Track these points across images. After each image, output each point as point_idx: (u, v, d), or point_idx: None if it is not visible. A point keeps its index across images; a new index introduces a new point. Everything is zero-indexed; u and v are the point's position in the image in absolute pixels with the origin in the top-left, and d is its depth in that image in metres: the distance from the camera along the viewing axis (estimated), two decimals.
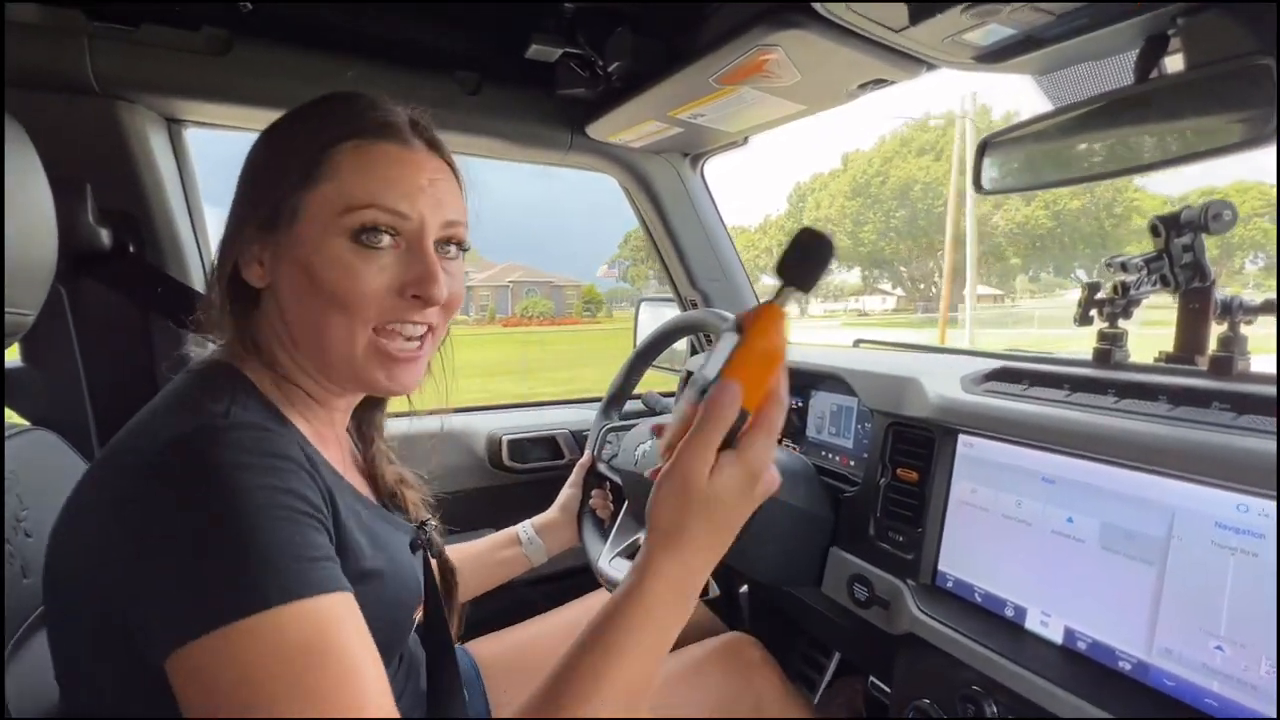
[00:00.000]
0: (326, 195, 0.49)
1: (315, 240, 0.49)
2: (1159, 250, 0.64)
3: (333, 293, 0.49)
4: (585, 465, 1.02)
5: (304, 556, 0.41)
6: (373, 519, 0.55)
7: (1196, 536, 0.55)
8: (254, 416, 0.47)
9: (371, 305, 0.50)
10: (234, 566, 0.38)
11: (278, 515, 0.41)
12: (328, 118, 0.52)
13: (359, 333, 0.51)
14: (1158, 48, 0.63)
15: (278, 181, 0.50)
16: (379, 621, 0.51)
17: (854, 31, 0.68)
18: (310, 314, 0.51)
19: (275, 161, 0.51)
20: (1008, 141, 0.77)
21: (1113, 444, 0.60)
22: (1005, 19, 0.62)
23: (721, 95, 0.90)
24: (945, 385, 0.80)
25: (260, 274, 0.52)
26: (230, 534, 0.39)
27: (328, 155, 0.49)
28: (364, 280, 0.50)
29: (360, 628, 0.43)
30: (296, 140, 0.51)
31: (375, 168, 0.50)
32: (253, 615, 0.37)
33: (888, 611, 0.78)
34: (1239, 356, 0.62)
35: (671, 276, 1.41)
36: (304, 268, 0.49)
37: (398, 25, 0.99)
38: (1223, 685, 0.53)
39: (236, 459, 0.41)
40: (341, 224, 0.49)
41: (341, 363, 0.52)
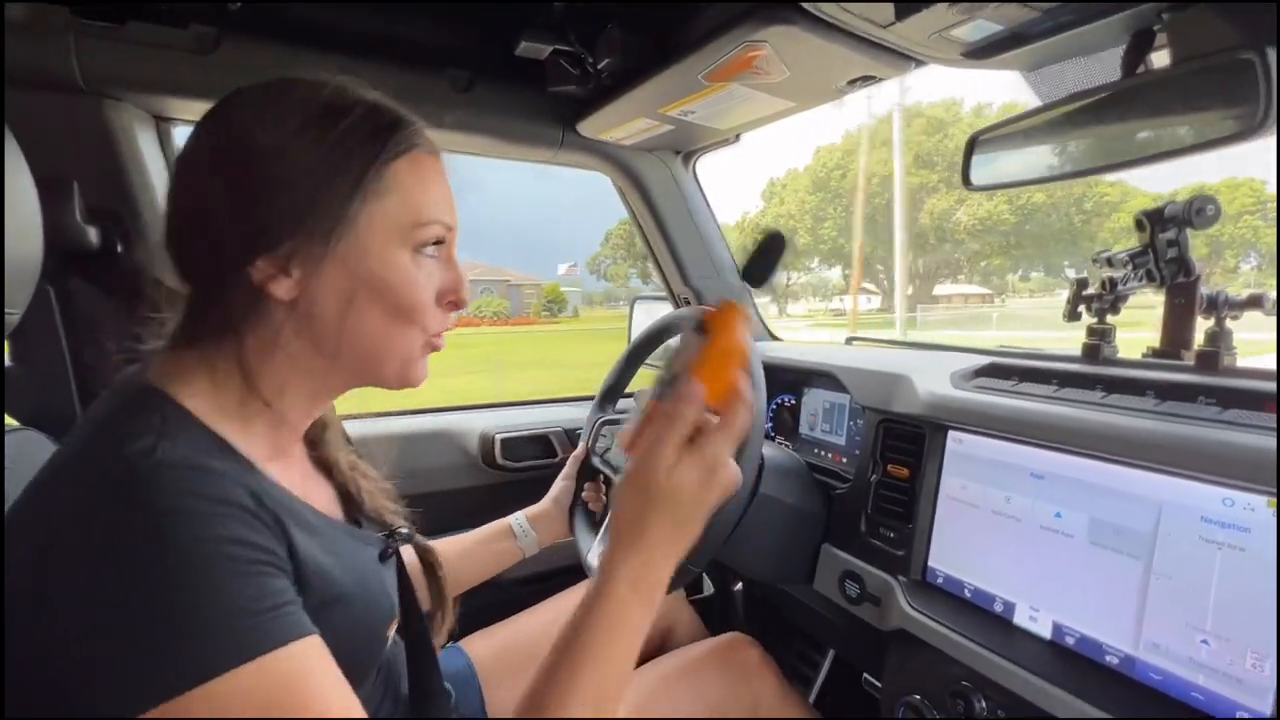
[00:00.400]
0: (391, 208, 0.49)
1: (379, 252, 0.48)
2: (1144, 245, 0.64)
3: (399, 305, 0.50)
4: (579, 457, 1.02)
5: (257, 609, 0.38)
6: (337, 537, 0.52)
7: (1183, 531, 0.55)
8: (183, 451, 0.41)
9: (427, 314, 0.52)
10: (181, 631, 0.36)
11: (222, 568, 0.38)
12: (368, 128, 0.49)
13: (417, 338, 0.52)
14: (1144, 43, 0.63)
15: (324, 192, 0.46)
16: (350, 644, 0.50)
17: (841, 28, 0.68)
18: (369, 325, 0.49)
19: (312, 170, 0.47)
20: (996, 137, 0.77)
21: (1100, 439, 0.60)
22: (991, 15, 0.62)
23: (711, 92, 0.90)
24: (935, 382, 0.81)
25: (289, 286, 0.47)
26: (171, 595, 0.36)
27: (386, 169, 0.48)
28: (425, 290, 0.51)
29: (328, 669, 0.41)
30: (339, 150, 0.47)
31: (430, 182, 0.51)
32: (207, 682, 0.35)
33: (879, 608, 0.79)
34: (1225, 351, 0.62)
35: (664, 274, 1.40)
36: (365, 279, 0.48)
37: (388, 23, 0.98)
38: (1209, 679, 0.53)
39: (168, 507, 0.38)
40: (410, 237, 0.50)
41: (393, 367, 0.52)
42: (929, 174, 30.56)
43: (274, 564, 0.42)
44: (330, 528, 0.53)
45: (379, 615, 0.56)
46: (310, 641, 0.41)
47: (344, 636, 0.49)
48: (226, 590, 0.38)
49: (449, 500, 1.26)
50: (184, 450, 0.41)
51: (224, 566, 0.38)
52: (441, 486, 1.26)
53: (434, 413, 1.37)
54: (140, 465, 0.39)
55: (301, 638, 0.40)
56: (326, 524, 0.52)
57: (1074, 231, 30.74)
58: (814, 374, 1.06)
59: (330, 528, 0.53)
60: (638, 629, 0.48)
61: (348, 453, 0.65)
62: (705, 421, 0.49)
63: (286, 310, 0.48)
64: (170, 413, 0.44)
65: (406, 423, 1.30)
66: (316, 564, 0.47)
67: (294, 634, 0.40)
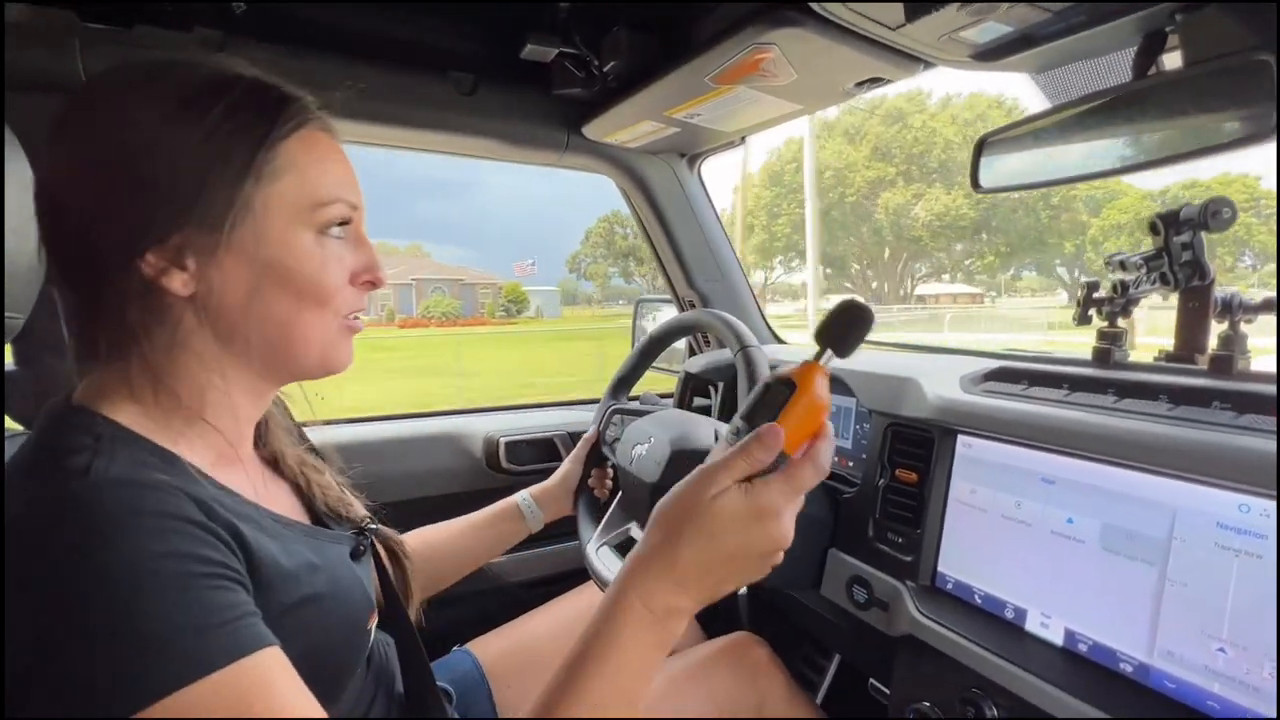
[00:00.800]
0: (287, 189, 0.47)
1: (280, 237, 0.46)
2: (1158, 248, 0.63)
3: (306, 289, 0.48)
4: (589, 441, 1.02)
5: (209, 623, 0.37)
6: (299, 539, 0.51)
7: (1198, 537, 0.55)
8: (121, 468, 0.40)
9: (339, 296, 0.50)
10: (125, 653, 0.35)
11: (169, 584, 0.37)
12: (256, 105, 0.46)
13: (330, 322, 0.50)
14: (1156, 45, 0.62)
15: (211, 176, 0.44)
16: (329, 645, 0.50)
17: (850, 30, 0.68)
18: (276, 312, 0.47)
19: (195, 153, 0.43)
20: (1005, 140, 0.77)
21: (1113, 444, 0.60)
22: (1002, 16, 0.61)
23: (718, 95, 0.89)
24: (944, 385, 0.80)
25: (185, 280, 0.44)
26: (113, 619, 0.35)
27: (278, 149, 0.46)
28: (333, 272, 0.49)
29: (289, 680, 0.40)
30: (222, 130, 0.44)
31: (327, 160, 0.49)
32: (159, 700, 0.34)
33: (887, 613, 0.78)
34: (1239, 355, 0.61)
35: (669, 277, 1.40)
36: (267, 266, 0.46)
37: (392, 25, 0.98)
38: (1225, 687, 0.52)
39: (107, 527, 0.36)
40: (312, 219, 0.48)
41: (312, 355, 0.50)
42: (886, 166, 29.10)
43: (226, 576, 0.40)
44: (291, 530, 0.51)
45: (355, 610, 0.55)
46: (269, 653, 0.40)
47: (320, 635, 0.48)
48: (175, 606, 0.37)
49: (453, 504, 1.25)
50: (121, 467, 0.40)
51: (172, 582, 0.37)
52: (446, 490, 1.25)
53: (438, 416, 1.36)
54: (75, 486, 0.38)
55: (259, 649, 0.39)
56: (286, 527, 0.51)
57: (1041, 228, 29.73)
58: None
59: (291, 530, 0.51)
60: (652, 645, 0.46)
61: (295, 447, 0.62)
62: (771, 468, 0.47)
63: (185, 306, 0.46)
64: (103, 429, 0.42)
65: (410, 426, 1.30)
66: (278, 568, 0.46)
67: (250, 646, 0.39)
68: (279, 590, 0.45)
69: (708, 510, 0.44)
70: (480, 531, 0.91)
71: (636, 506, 0.91)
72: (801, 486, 0.46)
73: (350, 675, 0.57)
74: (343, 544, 0.58)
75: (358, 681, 0.59)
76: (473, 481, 1.28)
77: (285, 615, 0.44)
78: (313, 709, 0.41)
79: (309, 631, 0.45)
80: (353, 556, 0.58)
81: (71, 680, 0.34)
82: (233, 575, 0.41)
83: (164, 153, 0.43)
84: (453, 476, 1.26)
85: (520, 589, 1.26)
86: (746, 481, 0.45)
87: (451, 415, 1.37)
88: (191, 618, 0.37)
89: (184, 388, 0.47)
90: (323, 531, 0.57)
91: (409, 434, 1.27)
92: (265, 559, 0.45)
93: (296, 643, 0.42)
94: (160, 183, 0.43)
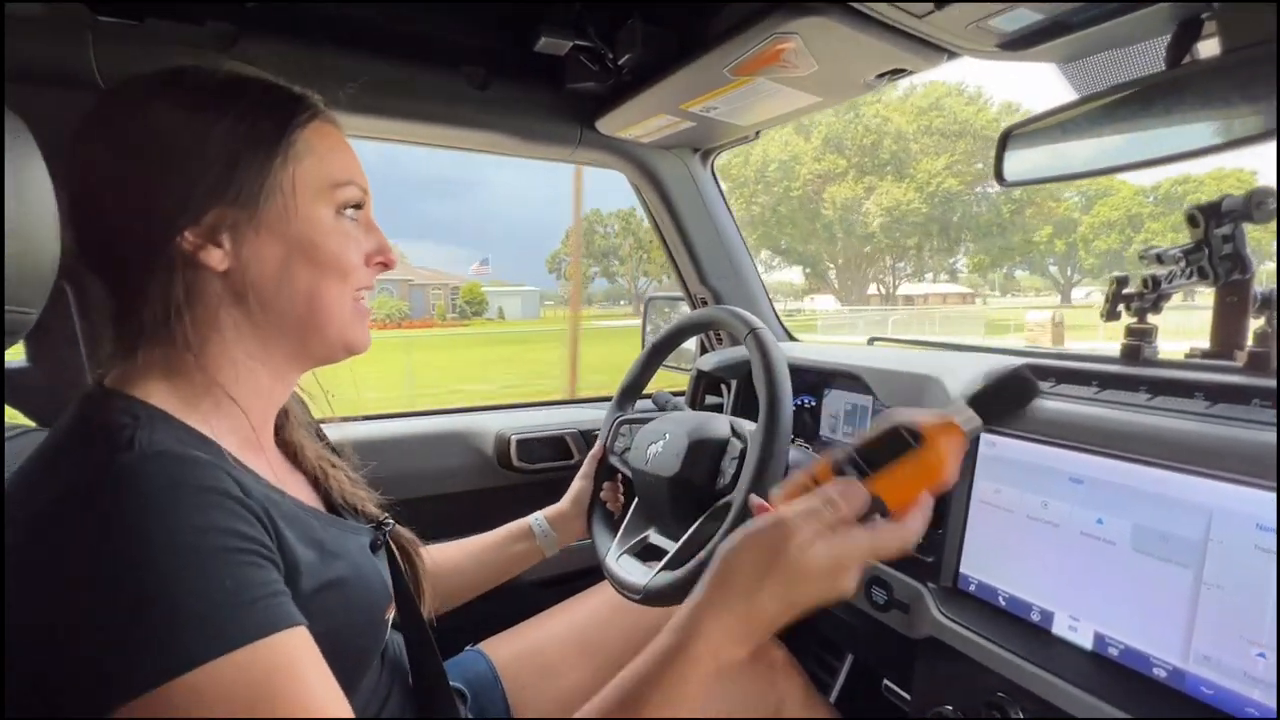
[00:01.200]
0: (310, 170, 0.51)
1: (307, 214, 0.51)
2: (1197, 241, 0.61)
3: (329, 262, 0.52)
4: (596, 456, 1.01)
5: (242, 599, 0.38)
6: (322, 527, 0.52)
7: (1236, 538, 0.53)
8: (163, 441, 0.42)
9: (357, 271, 0.54)
10: (160, 622, 0.36)
11: (208, 557, 0.38)
12: (272, 98, 0.51)
13: (347, 296, 0.54)
14: (1191, 32, 0.61)
15: (244, 156, 0.48)
16: (349, 630, 0.51)
17: (875, 18, 0.67)
18: (302, 285, 0.51)
19: (224, 138, 0.48)
20: (1030, 132, 0.75)
21: (1146, 442, 0.58)
22: (1033, 3, 0.60)
23: (735, 87, 0.88)
24: (968, 384, 0.79)
25: (221, 256, 0.48)
26: (151, 586, 0.36)
27: (299, 134, 0.51)
28: (352, 249, 0.53)
29: (314, 660, 0.41)
30: (248, 119, 0.49)
31: (340, 148, 0.54)
32: (189, 672, 0.35)
33: (908, 615, 0.77)
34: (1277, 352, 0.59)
35: (681, 274, 1.39)
36: (297, 241, 0.50)
37: (403, 19, 0.97)
38: (1265, 694, 0.50)
39: (151, 497, 0.38)
40: (332, 197, 0.52)
41: (332, 328, 0.54)
42: (838, 159, 28.33)
43: (260, 554, 0.41)
44: (314, 517, 0.52)
45: (374, 599, 0.56)
46: (296, 632, 0.40)
47: (342, 619, 0.49)
48: (212, 579, 0.38)
49: (465, 501, 1.25)
50: (163, 441, 0.42)
51: (209, 556, 0.38)
52: (457, 488, 1.25)
53: (449, 414, 1.36)
54: (121, 458, 0.39)
55: (288, 628, 0.40)
56: (309, 514, 0.52)
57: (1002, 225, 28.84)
58: (836, 375, 1.04)
59: (314, 517, 0.52)
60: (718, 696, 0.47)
61: (314, 442, 0.64)
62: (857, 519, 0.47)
63: (222, 283, 0.49)
64: (140, 410, 0.44)
65: (423, 424, 1.30)
66: (302, 552, 0.47)
67: (280, 624, 0.39)
68: (303, 574, 0.46)
69: (794, 564, 0.44)
70: (493, 553, 0.91)
71: (655, 508, 0.90)
72: (882, 554, 0.46)
73: (367, 665, 0.57)
74: (362, 535, 0.59)
75: (373, 676, 0.59)
76: (484, 479, 1.27)
77: (308, 599, 0.45)
78: (334, 690, 0.41)
79: (330, 616, 0.46)
80: (371, 548, 0.59)
81: (100, 649, 0.35)
82: (265, 553, 0.42)
83: (193, 140, 0.47)
84: (465, 474, 1.25)
85: (533, 588, 1.26)
86: (831, 529, 0.45)
87: (463, 413, 1.36)
88: (227, 592, 0.38)
89: (217, 367, 0.49)
90: (343, 521, 0.58)
91: (421, 431, 1.27)
92: (290, 542, 0.46)
93: (317, 626, 0.43)
94: (193, 166, 0.47)
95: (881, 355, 1.00)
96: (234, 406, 0.50)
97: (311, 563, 0.47)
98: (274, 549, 0.43)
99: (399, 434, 1.24)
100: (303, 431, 0.63)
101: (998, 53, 0.71)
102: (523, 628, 0.94)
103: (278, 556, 0.43)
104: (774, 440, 0.72)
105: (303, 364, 0.57)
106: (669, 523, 0.87)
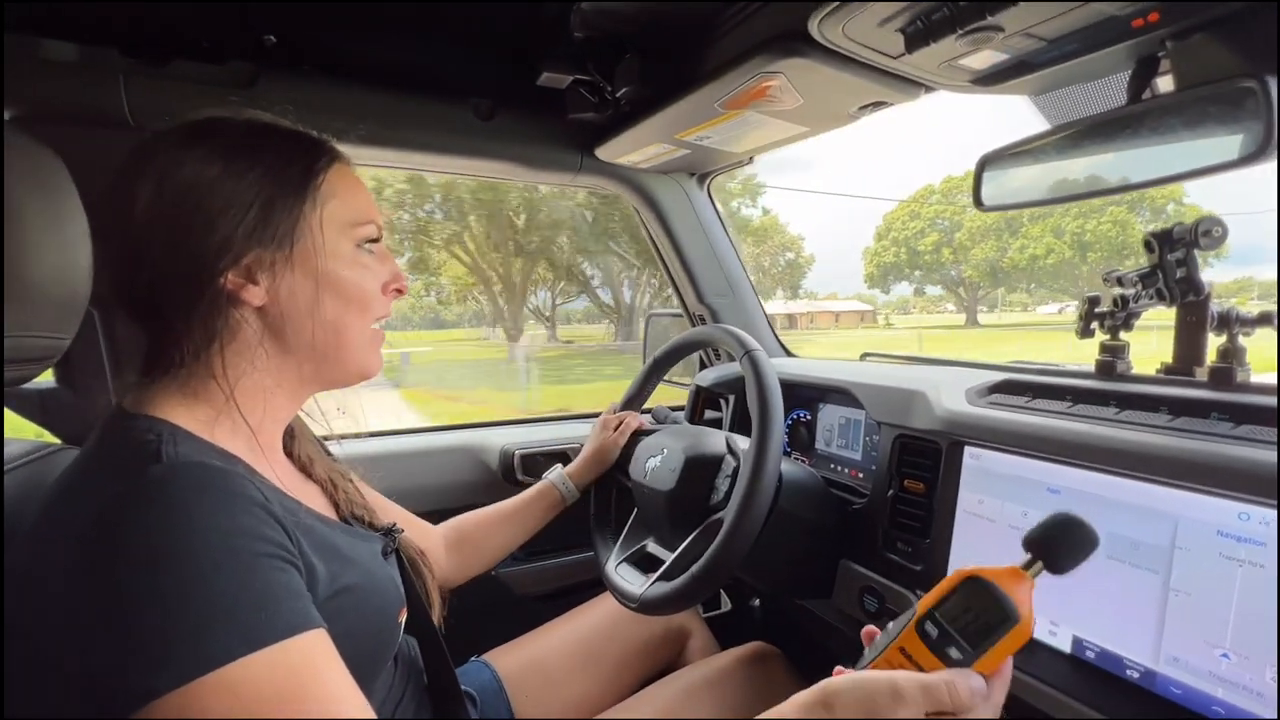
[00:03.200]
0: (335, 210, 0.55)
1: (333, 250, 0.55)
2: (1153, 265, 0.65)
3: (354, 295, 0.56)
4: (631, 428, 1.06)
5: (267, 601, 0.40)
6: (335, 535, 0.55)
7: (1200, 545, 0.56)
8: (191, 454, 0.45)
9: (375, 302, 0.59)
10: (193, 621, 0.38)
11: (237, 559, 0.40)
12: (296, 144, 0.56)
13: (368, 325, 0.59)
14: (1149, 69, 0.65)
15: (277, 201, 0.52)
16: (364, 633, 0.53)
17: (853, 58, 0.71)
18: (330, 316, 0.55)
19: (256, 184, 0.51)
20: (1006, 159, 0.79)
21: (1115, 454, 0.61)
22: (999, 45, 0.64)
23: (726, 119, 0.93)
24: (951, 398, 0.82)
25: (259, 293, 0.52)
26: (185, 588, 0.38)
27: (323, 177, 0.55)
28: (371, 280, 0.58)
29: (335, 663, 0.43)
30: (276, 165, 0.53)
31: (357, 187, 0.59)
32: (219, 669, 0.37)
33: None
34: (1238, 367, 0.63)
35: (680, 292, 1.43)
36: (325, 276, 0.54)
37: (415, 55, 1.02)
38: (1229, 692, 0.53)
39: (184, 501, 0.40)
40: (353, 235, 0.57)
41: (351, 355, 0.58)
42: None
43: (285, 558, 0.44)
44: (328, 526, 0.56)
45: (388, 603, 0.58)
46: (318, 634, 0.43)
47: (357, 623, 0.52)
48: (241, 581, 0.40)
49: None
50: (189, 454, 0.45)
51: (238, 558, 0.40)
52: (462, 502, 1.27)
53: (455, 429, 1.39)
54: (152, 470, 0.42)
55: (310, 630, 0.42)
56: (324, 523, 0.55)
57: None
58: (829, 390, 1.08)
59: (328, 526, 0.56)
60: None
61: (323, 457, 0.68)
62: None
63: (258, 317, 0.53)
64: (162, 428, 0.47)
65: (428, 439, 1.33)
66: (318, 560, 0.49)
67: (302, 626, 0.41)
68: (319, 579, 0.48)
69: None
70: (522, 511, 0.96)
71: (653, 520, 0.94)
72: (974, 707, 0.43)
73: (382, 668, 0.60)
74: (373, 542, 0.62)
75: (387, 677, 0.62)
76: (490, 493, 1.30)
77: (324, 603, 0.47)
78: (354, 690, 0.43)
79: (344, 619, 0.48)
80: (383, 555, 0.62)
81: (141, 644, 0.37)
82: (289, 557, 0.45)
83: (229, 188, 0.51)
84: (469, 489, 1.28)
85: (536, 601, 1.28)
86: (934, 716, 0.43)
87: (467, 429, 1.40)
88: (255, 593, 0.40)
89: (243, 392, 0.53)
90: (355, 530, 0.61)
91: (426, 447, 1.30)
92: (307, 548, 0.48)
93: (334, 629, 0.45)
94: (230, 212, 0.51)
95: (872, 371, 1.04)
96: (245, 427, 0.53)
97: (327, 569, 0.50)
98: (296, 554, 0.46)
99: (406, 450, 1.28)
100: (311, 446, 0.66)
101: (971, 87, 0.75)
102: (526, 639, 0.97)
103: (299, 561, 0.46)
104: (764, 461, 0.75)
105: (317, 387, 0.61)
106: (666, 534, 0.90)
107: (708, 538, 0.79)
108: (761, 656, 0.95)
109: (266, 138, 0.55)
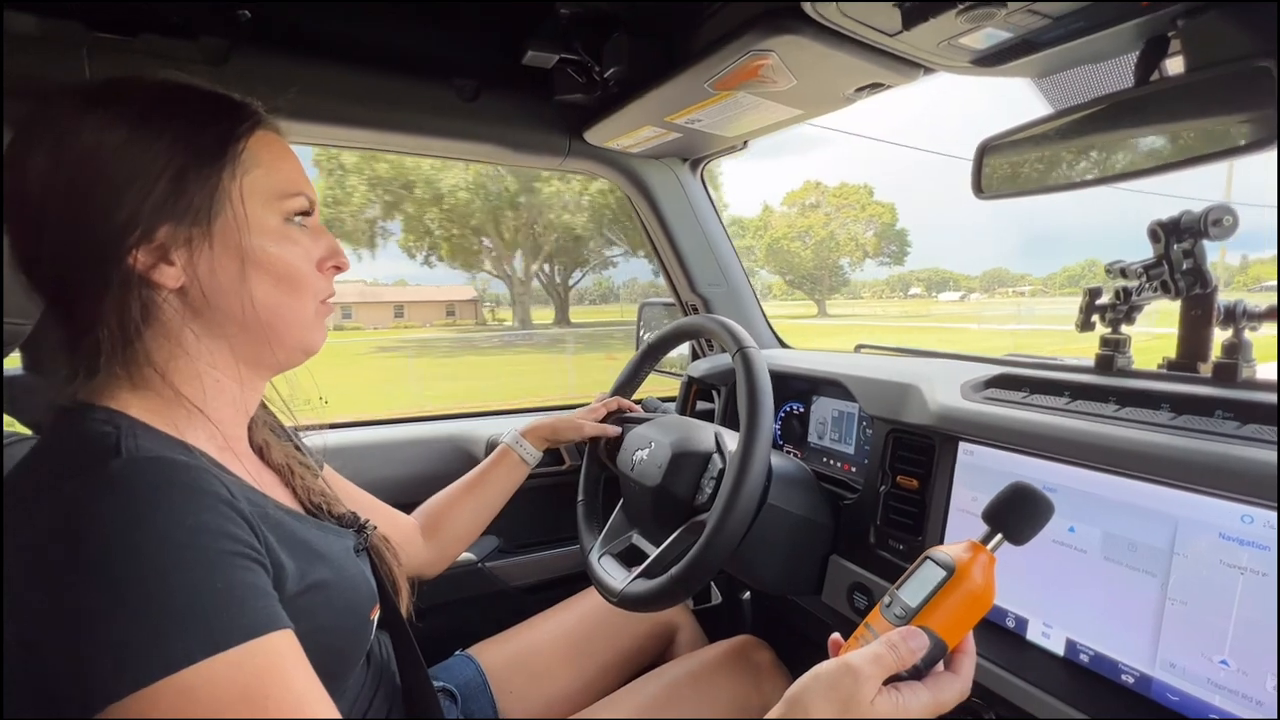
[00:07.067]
0: (258, 181, 0.50)
1: (258, 224, 0.50)
2: (1158, 256, 0.63)
3: (283, 273, 0.51)
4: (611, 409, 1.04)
5: (230, 601, 0.39)
6: (305, 530, 0.53)
7: (1200, 548, 0.54)
8: (151, 448, 0.42)
9: (311, 280, 0.54)
10: (153, 622, 0.36)
11: (198, 558, 0.38)
12: (214, 108, 0.50)
13: (308, 305, 0.54)
14: (1158, 50, 0.62)
15: (191, 171, 0.46)
16: (334, 630, 0.51)
17: (848, 36, 0.68)
18: (259, 296, 0.50)
19: (168, 152, 0.46)
20: (1006, 145, 0.76)
21: (1113, 453, 0.59)
22: (1001, 22, 0.61)
23: (718, 100, 0.89)
24: (945, 392, 0.80)
25: (175, 273, 0.47)
26: (145, 587, 0.36)
27: (244, 144, 0.50)
28: (307, 258, 0.53)
29: (301, 663, 0.42)
30: (190, 131, 0.47)
31: (284, 156, 0.53)
32: (179, 671, 0.36)
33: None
34: (1244, 363, 0.61)
35: (671, 281, 1.40)
36: (249, 252, 0.49)
37: (395, 33, 0.99)
38: (1226, 700, 0.51)
39: (143, 498, 0.38)
40: (281, 208, 0.51)
41: (292, 335, 0.54)
42: None
43: (249, 556, 0.42)
44: (298, 520, 0.53)
45: (359, 599, 0.56)
46: (284, 635, 0.41)
47: (327, 620, 0.50)
48: (203, 580, 0.38)
49: None
50: (149, 447, 0.42)
51: (201, 556, 0.39)
52: None
53: (442, 419, 1.37)
54: (112, 464, 0.40)
55: (276, 630, 0.40)
56: (292, 516, 0.53)
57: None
58: (823, 382, 1.05)
59: (298, 520, 0.53)
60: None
61: (281, 442, 0.64)
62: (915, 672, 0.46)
63: (178, 300, 0.48)
64: (120, 420, 0.44)
65: (413, 430, 1.31)
66: (287, 556, 0.47)
67: (269, 626, 0.40)
68: (287, 576, 0.47)
69: (865, 715, 0.43)
70: (484, 483, 0.94)
71: (639, 513, 0.91)
72: (944, 705, 0.46)
73: (353, 666, 0.58)
74: (345, 537, 0.59)
75: (359, 676, 0.60)
76: None
77: (292, 600, 0.45)
78: (320, 692, 0.42)
79: (313, 616, 0.46)
80: (355, 551, 0.60)
81: (88, 648, 0.36)
82: (254, 555, 0.43)
83: (138, 157, 0.45)
84: (456, 479, 1.27)
85: (521, 594, 1.27)
86: (894, 684, 0.45)
87: (454, 419, 1.37)
88: (217, 593, 0.38)
89: (180, 380, 0.49)
90: (325, 525, 0.59)
91: (412, 437, 1.28)
92: (274, 545, 0.46)
93: (302, 627, 0.43)
94: (136, 183, 0.45)
95: (866, 363, 1.01)
96: (199, 416, 0.49)
97: (296, 565, 0.48)
98: (262, 551, 0.44)
99: (391, 440, 1.26)
100: (266, 431, 0.62)
101: (972, 69, 0.72)
102: (511, 633, 0.95)
103: (265, 559, 0.44)
104: (750, 466, 0.73)
105: (266, 371, 0.57)
106: (651, 528, 0.88)
107: (691, 537, 0.77)
108: (749, 650, 0.94)
109: (181, 100, 0.49)
